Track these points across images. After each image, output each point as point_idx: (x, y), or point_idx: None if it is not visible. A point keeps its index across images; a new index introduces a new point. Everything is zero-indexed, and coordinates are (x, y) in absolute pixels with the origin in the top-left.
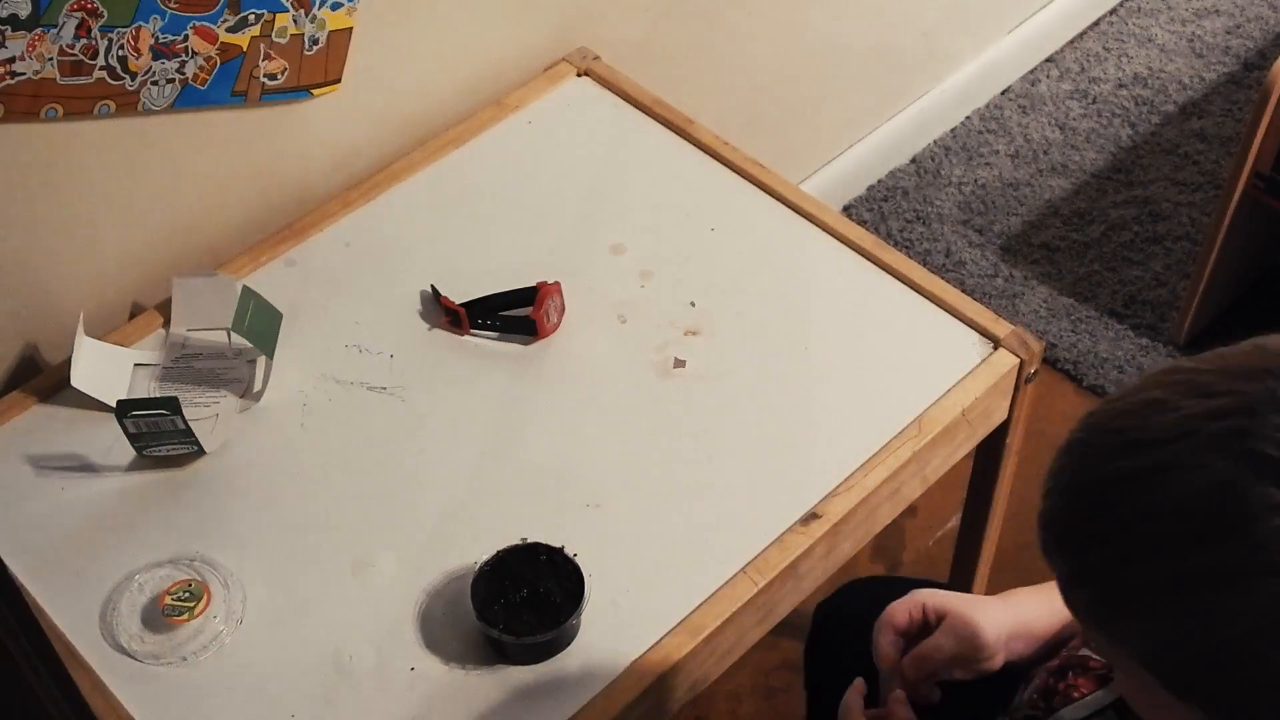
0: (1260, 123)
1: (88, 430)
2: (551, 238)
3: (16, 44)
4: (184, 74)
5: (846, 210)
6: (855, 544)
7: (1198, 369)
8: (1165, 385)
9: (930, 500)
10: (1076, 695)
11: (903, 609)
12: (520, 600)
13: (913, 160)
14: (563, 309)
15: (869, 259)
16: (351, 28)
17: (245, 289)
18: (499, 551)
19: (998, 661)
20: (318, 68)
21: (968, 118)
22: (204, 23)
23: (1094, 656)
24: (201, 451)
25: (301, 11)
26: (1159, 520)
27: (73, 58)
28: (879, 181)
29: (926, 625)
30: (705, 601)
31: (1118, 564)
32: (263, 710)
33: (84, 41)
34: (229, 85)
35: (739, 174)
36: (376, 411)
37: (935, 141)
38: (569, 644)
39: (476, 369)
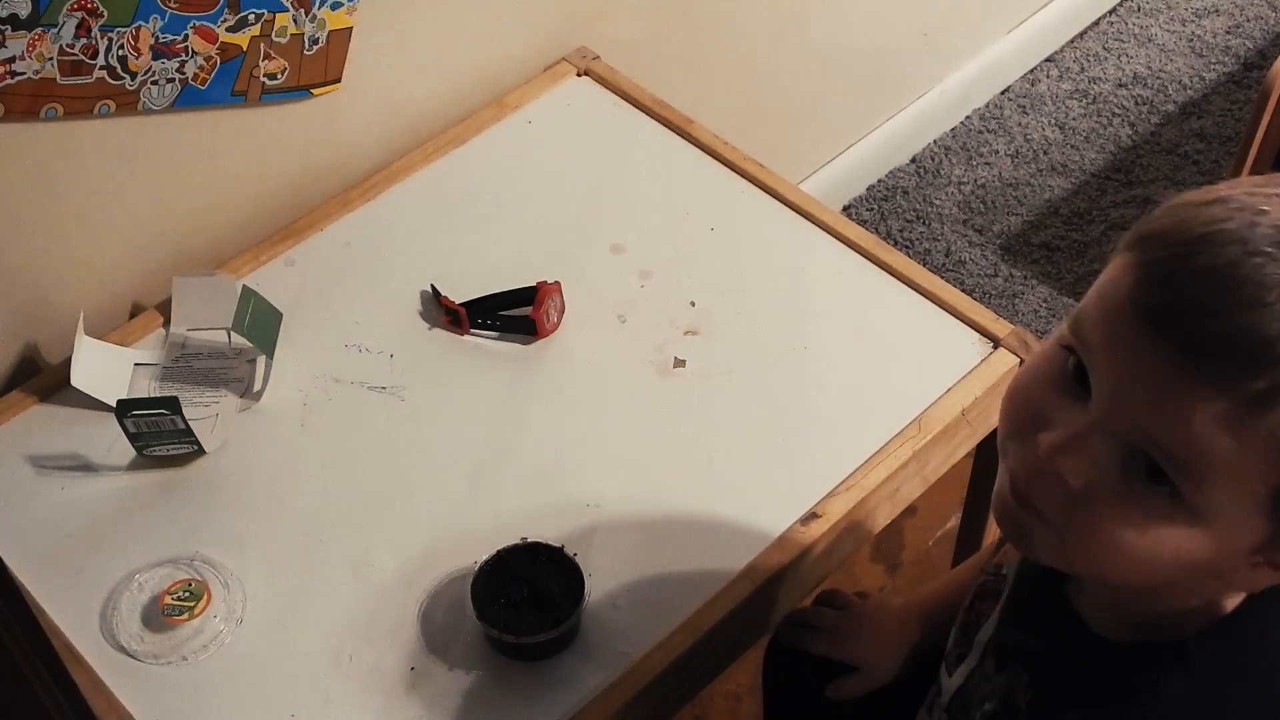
0: (1260, 122)
1: (88, 430)
2: (551, 238)
3: (16, 44)
4: (184, 74)
5: (846, 210)
6: (855, 543)
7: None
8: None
9: (930, 500)
10: (983, 620)
11: None
12: (520, 600)
13: (913, 160)
14: (563, 309)
15: (869, 259)
16: (351, 27)
17: (245, 289)
18: (499, 551)
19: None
20: (317, 67)
21: (967, 117)
22: (204, 22)
23: (990, 577)
24: (201, 451)
25: (301, 11)
26: None
27: (73, 57)
28: (879, 181)
29: None
30: (705, 601)
31: None
32: (262, 710)
33: (84, 41)
34: (229, 85)
35: (739, 174)
36: (376, 411)
37: (935, 141)
38: (569, 644)
39: (476, 369)
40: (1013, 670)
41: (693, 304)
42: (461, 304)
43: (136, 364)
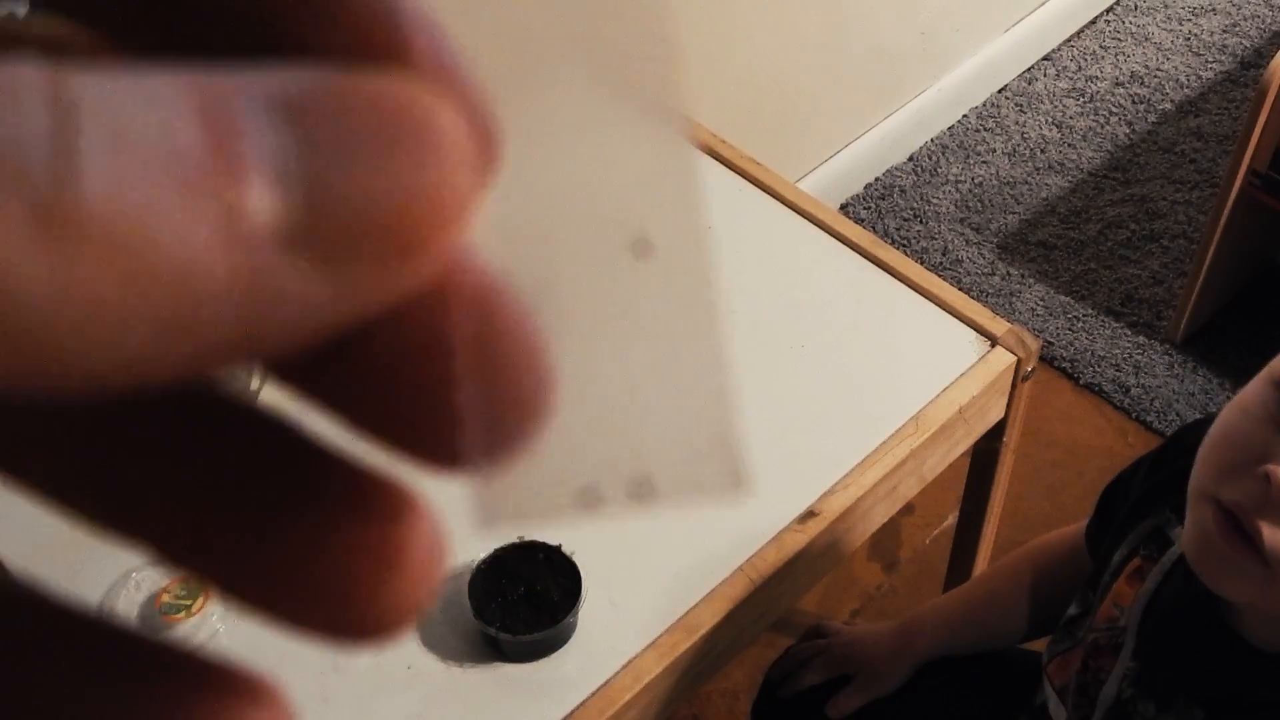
0: (1257, 121)
1: None
2: None
3: None
4: None
5: (844, 208)
6: (852, 542)
7: None
8: None
9: (927, 498)
10: (1104, 675)
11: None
12: (517, 598)
13: (910, 158)
14: None
15: (866, 257)
16: None
17: None
18: (496, 550)
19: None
20: None
21: (965, 116)
22: None
23: (1101, 633)
24: None
25: None
26: None
27: None
28: (876, 179)
29: None
30: (702, 600)
31: None
32: None
33: None
34: None
35: (736, 172)
36: None
37: (932, 140)
38: (566, 642)
39: None
40: (1179, 708)
41: None
42: None
43: None
